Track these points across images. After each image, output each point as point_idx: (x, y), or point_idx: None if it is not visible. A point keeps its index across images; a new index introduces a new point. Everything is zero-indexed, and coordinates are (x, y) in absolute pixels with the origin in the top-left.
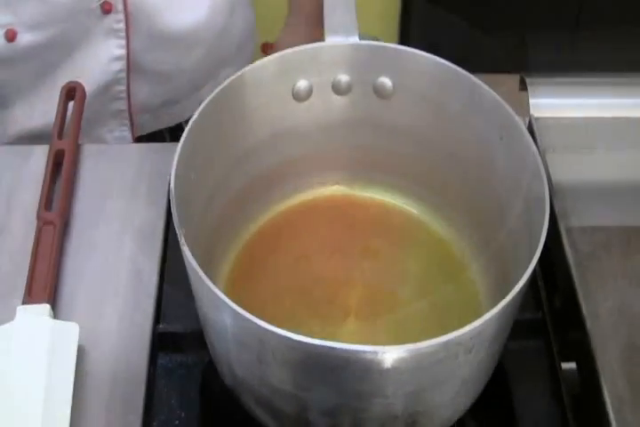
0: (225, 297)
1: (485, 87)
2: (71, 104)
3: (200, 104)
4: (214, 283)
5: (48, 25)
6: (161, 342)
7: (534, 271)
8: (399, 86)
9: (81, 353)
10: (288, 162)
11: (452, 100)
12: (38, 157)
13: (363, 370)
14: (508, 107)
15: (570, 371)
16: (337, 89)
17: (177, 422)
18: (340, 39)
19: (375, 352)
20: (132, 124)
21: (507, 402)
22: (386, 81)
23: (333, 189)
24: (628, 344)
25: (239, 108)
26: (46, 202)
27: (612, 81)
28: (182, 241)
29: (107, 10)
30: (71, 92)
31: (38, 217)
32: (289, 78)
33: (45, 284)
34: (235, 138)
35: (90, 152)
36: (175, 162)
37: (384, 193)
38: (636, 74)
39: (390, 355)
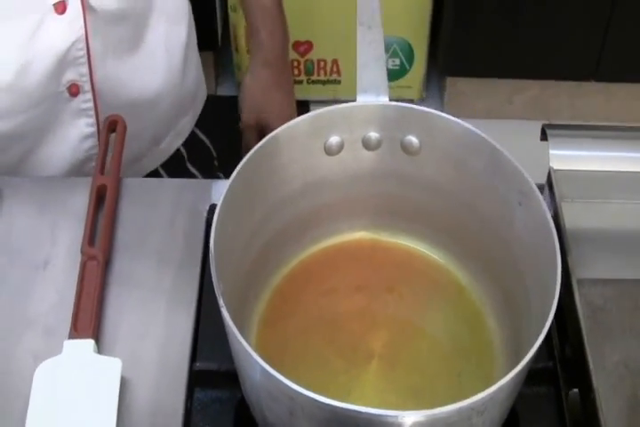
0: (259, 358)
1: (506, 154)
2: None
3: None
4: (248, 324)
5: (17, 113)
6: (197, 379)
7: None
8: (425, 144)
9: (122, 387)
10: (318, 209)
11: (474, 160)
12: (81, 190)
13: None
14: (526, 175)
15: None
16: (367, 145)
17: None
18: (371, 98)
19: (395, 416)
20: None
21: None
22: (413, 139)
23: (361, 235)
24: (631, 397)
25: (274, 164)
26: (90, 237)
27: (629, 135)
28: (221, 302)
29: (74, 92)
30: (112, 125)
31: (82, 252)
32: (321, 135)
33: (90, 319)
34: (269, 191)
35: (129, 186)
36: (215, 221)
37: (408, 239)
38: None
39: (409, 419)
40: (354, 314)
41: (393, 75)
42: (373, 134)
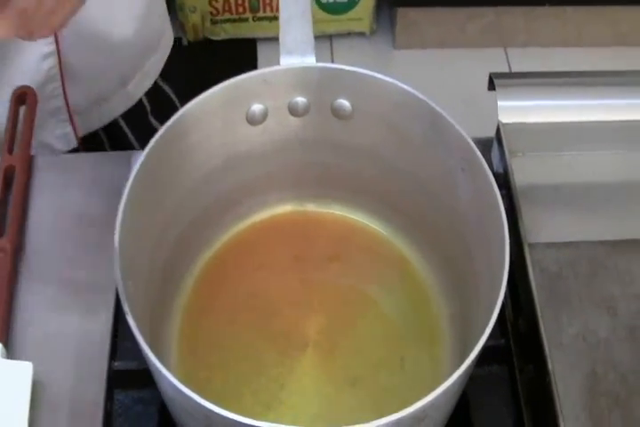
0: (170, 376)
1: (447, 116)
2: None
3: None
4: (170, 316)
5: None
6: (117, 379)
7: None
8: (358, 108)
9: (36, 391)
10: (244, 184)
11: (413, 125)
12: None
13: None
14: (469, 140)
15: (534, 395)
16: (293, 111)
17: None
18: (297, 60)
19: None
20: (72, 122)
21: None
22: (344, 103)
23: (292, 208)
24: (590, 374)
25: (190, 141)
26: None
27: (581, 81)
28: (126, 309)
29: None
30: (22, 97)
31: None
32: (242, 104)
33: None
34: (186, 170)
35: (41, 165)
36: (120, 213)
37: (345, 210)
38: (606, 75)
39: None
40: (286, 297)
41: (342, 7)
42: (300, 99)
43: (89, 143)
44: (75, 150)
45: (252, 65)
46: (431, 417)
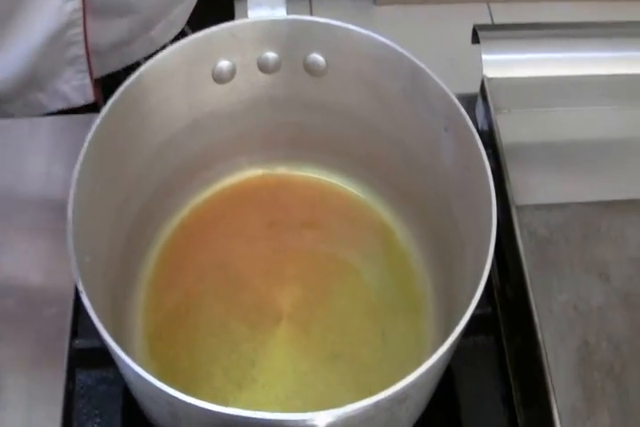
0: (129, 360)
1: (428, 72)
2: None
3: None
4: (134, 290)
5: None
6: (79, 358)
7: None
8: (332, 63)
9: None
10: (212, 148)
11: (392, 82)
12: None
13: None
14: (452, 96)
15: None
16: (263, 67)
17: None
18: (266, 13)
19: (296, 421)
20: (90, 71)
21: (453, 405)
22: (318, 58)
23: (264, 171)
24: (582, 344)
25: (150, 102)
26: None
27: (570, 33)
28: (80, 287)
29: None
30: None
31: None
32: (207, 61)
33: None
34: (148, 134)
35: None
36: (75, 182)
37: (321, 173)
38: (595, 27)
39: (315, 422)
40: (258, 267)
41: None
42: (270, 55)
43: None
44: (92, 108)
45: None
46: (413, 397)
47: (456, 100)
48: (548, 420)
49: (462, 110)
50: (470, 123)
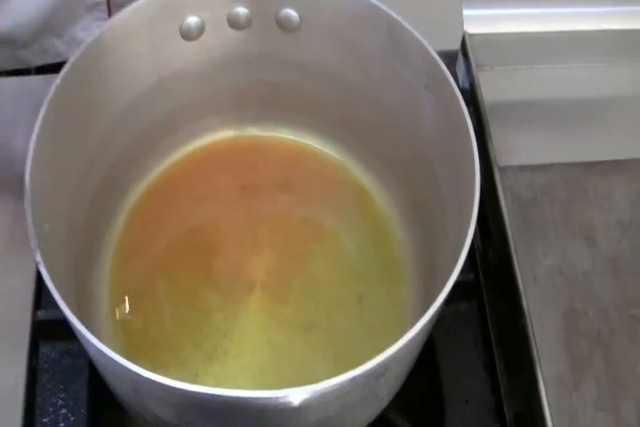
0: (89, 335)
1: (407, 26)
2: None
3: None
4: (100, 259)
5: None
6: (42, 331)
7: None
8: (306, 19)
9: None
10: (181, 108)
11: (369, 37)
12: None
13: (257, 411)
14: (433, 52)
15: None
16: (234, 23)
17: (62, 424)
18: None
19: (268, 398)
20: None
21: (434, 375)
22: (291, 13)
23: (235, 133)
24: (568, 311)
25: (114, 60)
26: None
27: None
28: (38, 258)
29: None
30: None
31: None
32: (175, 17)
33: None
34: (112, 94)
35: None
36: (33, 144)
37: (295, 134)
38: None
39: (289, 399)
40: (230, 233)
41: None
42: (241, 10)
43: None
44: None
45: None
46: (392, 371)
47: (436, 55)
48: (533, 389)
49: (443, 66)
50: (451, 79)
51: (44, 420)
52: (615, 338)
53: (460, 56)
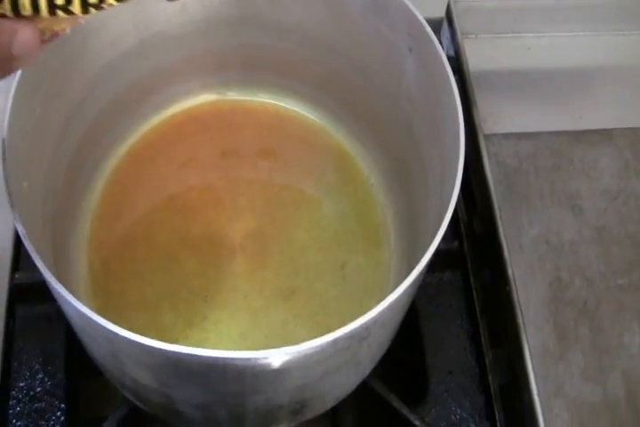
0: (65, 292)
1: None
2: None
3: None
4: (79, 221)
5: None
6: (19, 293)
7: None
8: None
9: None
10: (161, 71)
11: None
12: None
13: (236, 373)
14: (417, 13)
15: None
16: None
17: (39, 389)
18: None
19: (248, 359)
20: None
21: (417, 345)
22: None
23: (216, 97)
24: (554, 280)
25: (94, 19)
26: None
27: None
28: (16, 215)
29: None
30: None
31: None
32: None
33: None
34: (91, 54)
35: None
36: (11, 99)
37: (277, 98)
38: None
39: (269, 361)
40: (210, 198)
41: None
42: None
43: None
44: None
45: None
46: (374, 335)
47: (420, 17)
48: (519, 360)
49: (427, 27)
50: (436, 41)
51: (21, 384)
52: (601, 308)
53: (444, 23)
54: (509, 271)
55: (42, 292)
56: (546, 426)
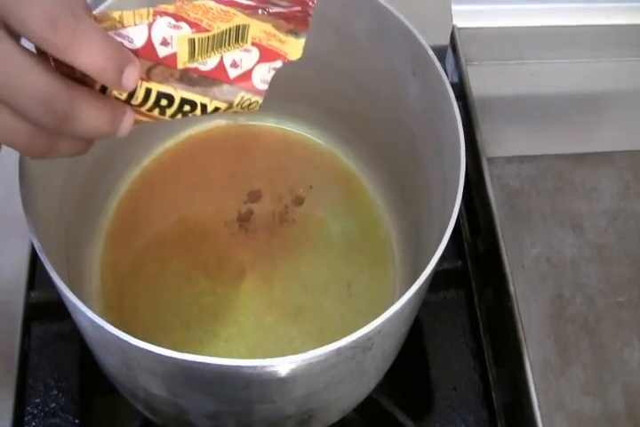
0: (80, 303)
1: (394, 13)
2: None
3: None
4: (92, 240)
5: None
6: (34, 312)
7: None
8: None
9: None
10: None
11: (357, 24)
12: None
13: (244, 382)
14: (420, 38)
15: (494, 323)
16: None
17: (53, 404)
18: None
19: (254, 367)
20: None
21: (422, 361)
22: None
23: (225, 121)
24: (555, 298)
25: None
26: None
27: None
28: (31, 227)
29: None
30: None
31: None
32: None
33: None
34: None
35: None
36: None
37: (283, 123)
38: None
39: (274, 369)
40: (220, 221)
41: None
42: None
43: None
44: None
45: None
46: (379, 346)
47: (423, 41)
48: (521, 376)
49: (430, 51)
50: (439, 65)
51: (36, 400)
52: (602, 324)
53: (448, 50)
54: (512, 289)
55: (56, 310)
56: None
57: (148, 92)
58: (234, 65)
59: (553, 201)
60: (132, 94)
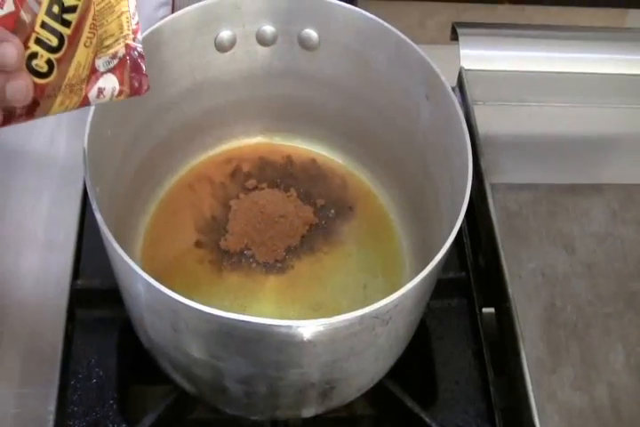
0: (138, 268)
1: (411, 44)
2: None
3: None
4: (133, 238)
5: None
6: (79, 298)
7: (460, 230)
8: (324, 38)
9: None
10: (209, 113)
11: (378, 54)
12: None
13: (277, 343)
14: (434, 66)
15: (492, 329)
16: (261, 40)
17: (95, 380)
18: None
19: (289, 326)
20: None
21: (428, 361)
22: (311, 32)
23: (257, 140)
24: (548, 306)
25: (157, 59)
26: None
27: (545, 34)
28: (95, 205)
29: None
30: None
31: None
32: (211, 28)
33: None
34: (153, 90)
35: None
36: (89, 124)
37: (309, 143)
38: (570, 29)
39: (305, 329)
40: (245, 221)
41: None
42: (268, 28)
43: None
44: None
45: None
46: (394, 322)
47: (436, 68)
48: (517, 371)
49: (442, 77)
50: (450, 90)
51: (79, 376)
52: (590, 331)
53: (456, 90)
54: (509, 297)
55: (99, 298)
56: None
57: None
58: None
59: (548, 223)
60: None
